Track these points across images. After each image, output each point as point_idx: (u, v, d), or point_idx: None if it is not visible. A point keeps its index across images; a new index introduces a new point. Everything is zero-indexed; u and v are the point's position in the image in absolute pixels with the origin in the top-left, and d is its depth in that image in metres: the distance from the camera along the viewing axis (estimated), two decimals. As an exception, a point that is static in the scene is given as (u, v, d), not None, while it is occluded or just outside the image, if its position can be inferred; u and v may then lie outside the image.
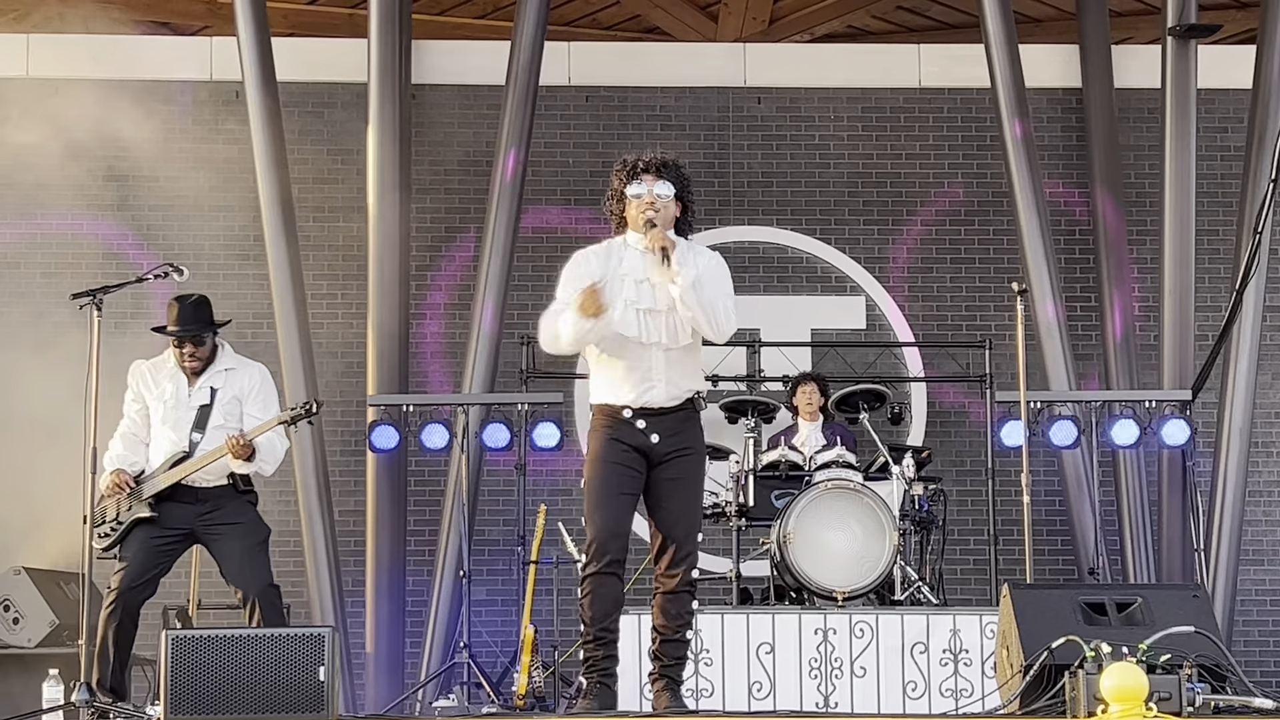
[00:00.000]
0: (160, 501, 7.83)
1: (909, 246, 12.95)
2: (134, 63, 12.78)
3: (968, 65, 12.67)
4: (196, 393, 7.95)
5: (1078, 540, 12.01)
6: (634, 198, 6.92)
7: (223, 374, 8.01)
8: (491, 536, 12.29)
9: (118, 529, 7.85)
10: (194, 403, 7.93)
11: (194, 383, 7.97)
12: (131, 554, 7.79)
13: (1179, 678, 6.09)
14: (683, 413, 6.95)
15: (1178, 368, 12.06)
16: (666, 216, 6.93)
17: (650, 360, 6.88)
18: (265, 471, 7.96)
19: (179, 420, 7.90)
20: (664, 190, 6.93)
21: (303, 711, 6.25)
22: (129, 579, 7.76)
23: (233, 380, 8.00)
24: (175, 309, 7.98)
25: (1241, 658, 10.88)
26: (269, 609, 7.74)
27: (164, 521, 7.83)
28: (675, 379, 6.91)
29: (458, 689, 10.59)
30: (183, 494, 7.85)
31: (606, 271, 6.87)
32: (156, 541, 7.82)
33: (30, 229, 12.60)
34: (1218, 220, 12.78)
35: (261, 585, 7.77)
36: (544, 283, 12.80)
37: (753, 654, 9.26)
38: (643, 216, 6.86)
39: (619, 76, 13.05)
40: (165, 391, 7.96)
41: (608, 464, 6.88)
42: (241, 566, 7.78)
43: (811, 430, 11.04)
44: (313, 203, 12.71)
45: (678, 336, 6.88)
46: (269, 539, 8.01)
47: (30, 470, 11.67)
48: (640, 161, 6.96)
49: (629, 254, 6.94)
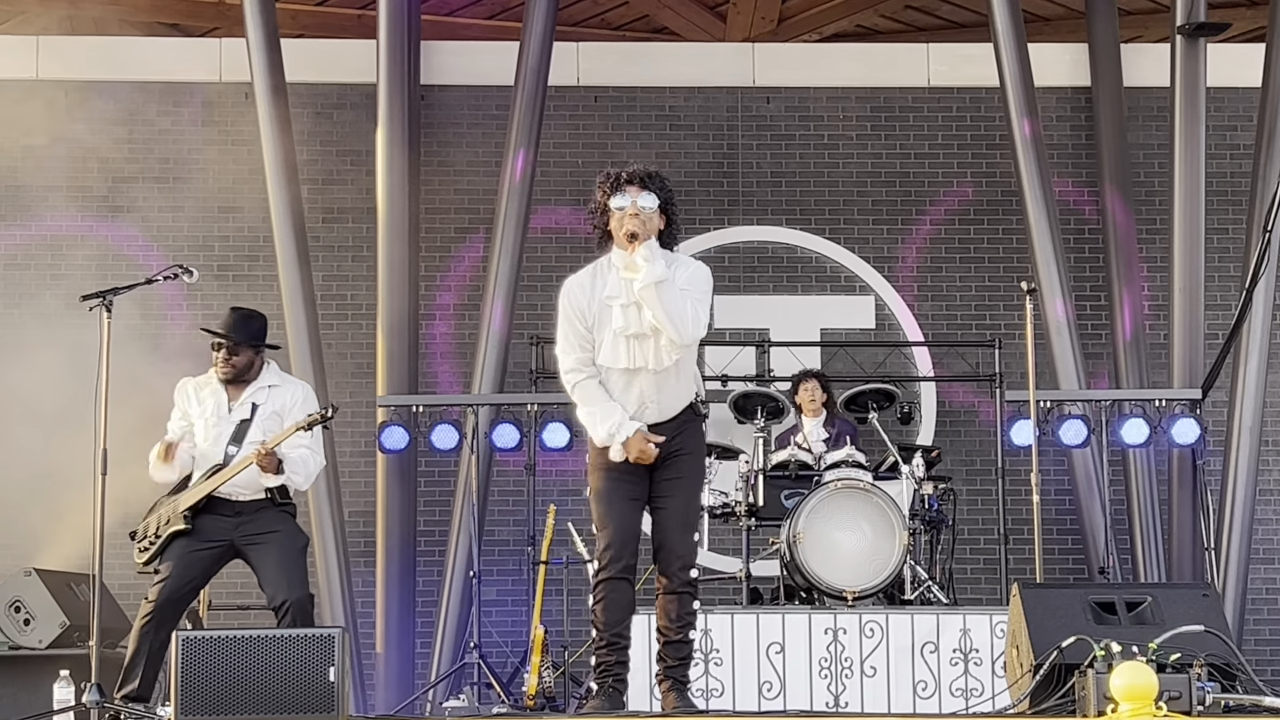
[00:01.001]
0: (197, 515, 7.82)
1: (918, 246, 12.94)
2: (143, 64, 12.81)
3: (977, 64, 12.66)
4: (238, 408, 7.97)
5: (1088, 539, 12.00)
6: (617, 210, 6.94)
7: (266, 390, 8.02)
8: (501, 537, 12.30)
9: (155, 543, 7.85)
10: (234, 417, 7.94)
11: (235, 398, 7.99)
12: (170, 566, 7.76)
13: (1189, 677, 6.09)
14: (680, 418, 7.02)
15: (1188, 366, 12.06)
16: (650, 228, 6.94)
17: (640, 384, 6.96)
18: (297, 485, 7.93)
19: (218, 435, 7.91)
20: (647, 202, 6.93)
21: (313, 712, 6.26)
22: (167, 591, 7.74)
23: (275, 397, 8.01)
24: (228, 316, 8.06)
25: (1252, 657, 10.89)
26: (302, 617, 7.65)
27: (202, 534, 7.82)
28: (666, 399, 6.99)
29: (468, 689, 10.59)
30: (221, 507, 7.85)
31: (595, 301, 6.93)
32: (195, 554, 7.80)
33: (40, 230, 12.62)
34: (1227, 219, 12.77)
35: (299, 594, 7.67)
36: (553, 283, 12.73)
37: (763, 654, 9.26)
38: (625, 229, 6.87)
39: (627, 77, 13.05)
40: (207, 408, 7.98)
41: (611, 472, 6.97)
42: (279, 574, 7.72)
43: (815, 426, 11.04)
44: (322, 203, 12.72)
45: (663, 359, 6.92)
46: (307, 548, 8.01)
47: (41, 471, 11.71)
48: (624, 173, 6.97)
49: (613, 277, 6.97)
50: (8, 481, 11.98)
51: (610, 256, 7.04)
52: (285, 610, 7.63)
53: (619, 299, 6.93)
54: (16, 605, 9.80)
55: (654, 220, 6.96)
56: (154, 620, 7.67)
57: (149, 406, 9.03)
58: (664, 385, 6.97)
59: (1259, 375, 11.98)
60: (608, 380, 6.99)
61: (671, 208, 7.03)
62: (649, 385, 6.96)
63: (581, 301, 6.98)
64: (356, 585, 12.03)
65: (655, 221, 6.96)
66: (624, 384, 6.97)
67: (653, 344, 6.91)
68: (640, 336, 6.91)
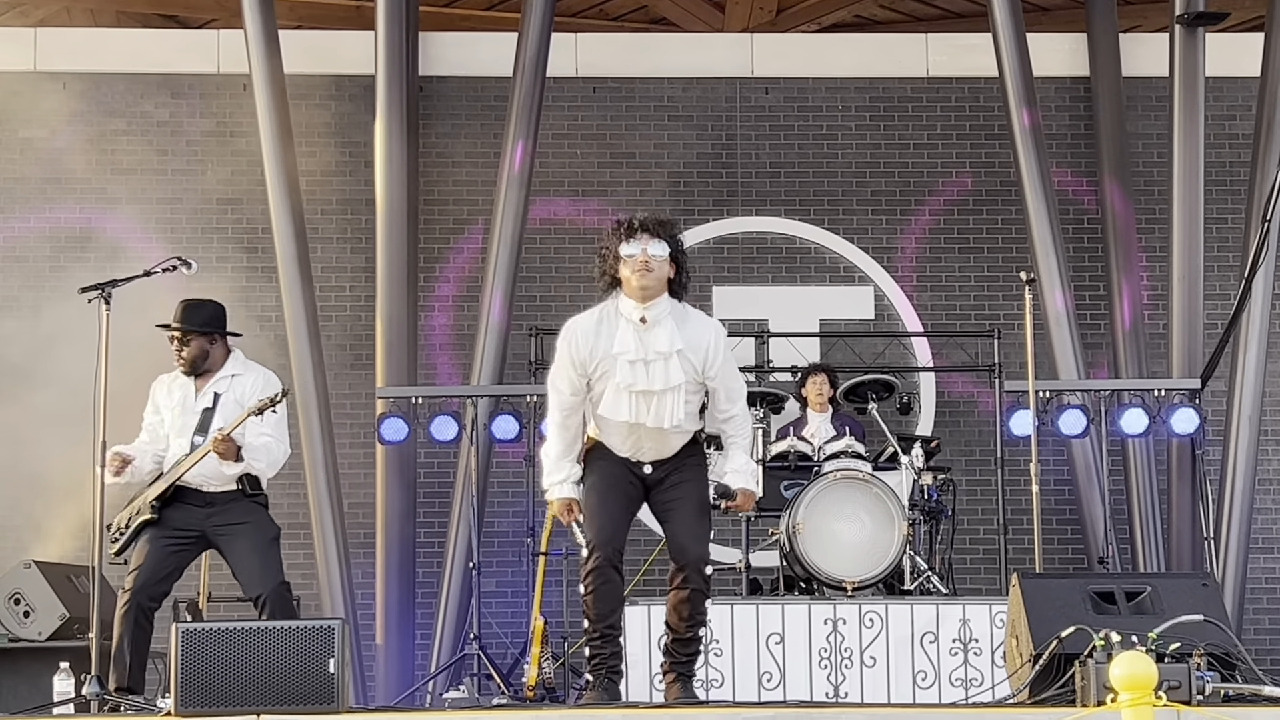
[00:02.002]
0: (166, 505, 7.84)
1: (917, 236, 12.94)
2: (141, 56, 12.80)
3: (976, 54, 12.65)
4: (201, 397, 7.98)
5: (1087, 529, 12.01)
6: (628, 257, 6.88)
7: (228, 379, 8.02)
8: (501, 528, 12.30)
9: (125, 533, 7.87)
10: (198, 407, 7.95)
11: (200, 388, 8.00)
12: (141, 555, 7.79)
13: (1188, 666, 6.09)
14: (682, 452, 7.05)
15: (1187, 356, 12.06)
16: (659, 277, 6.89)
17: (640, 435, 6.95)
18: (259, 471, 7.91)
19: (184, 426, 7.93)
20: (658, 250, 6.88)
21: (313, 703, 6.26)
22: (140, 580, 7.75)
23: (236, 385, 8.00)
24: (177, 307, 8.03)
25: (1251, 646, 10.89)
26: (280, 607, 7.71)
27: (171, 523, 7.83)
28: (666, 443, 6.99)
29: (468, 680, 10.59)
30: (191, 497, 7.86)
31: (598, 352, 6.88)
32: (166, 543, 7.82)
33: (39, 223, 12.62)
34: (1226, 208, 12.76)
35: (272, 584, 7.71)
36: (552, 274, 12.88)
37: (762, 644, 9.26)
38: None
39: (626, 67, 13.04)
40: (174, 399, 8.00)
41: (604, 476, 6.98)
42: (251, 565, 7.75)
43: (821, 421, 11.03)
44: (320, 195, 12.71)
45: (666, 417, 6.87)
46: (279, 537, 8.00)
47: (41, 463, 11.71)
48: (635, 221, 6.92)
49: (621, 328, 6.90)
50: (7, 473, 11.98)
51: (618, 304, 6.95)
52: (262, 603, 7.68)
53: (627, 354, 6.85)
54: (16, 597, 9.80)
55: (664, 269, 6.90)
56: (130, 610, 7.70)
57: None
58: (665, 439, 6.97)
59: (1258, 365, 11.99)
60: (608, 425, 6.95)
61: (682, 257, 6.98)
62: (649, 437, 6.95)
63: (584, 352, 6.90)
64: (356, 577, 12.03)
65: (665, 269, 6.91)
66: (623, 433, 6.95)
67: (657, 401, 6.86)
68: (646, 394, 6.86)
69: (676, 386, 6.85)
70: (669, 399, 6.85)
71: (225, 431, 7.70)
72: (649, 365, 6.85)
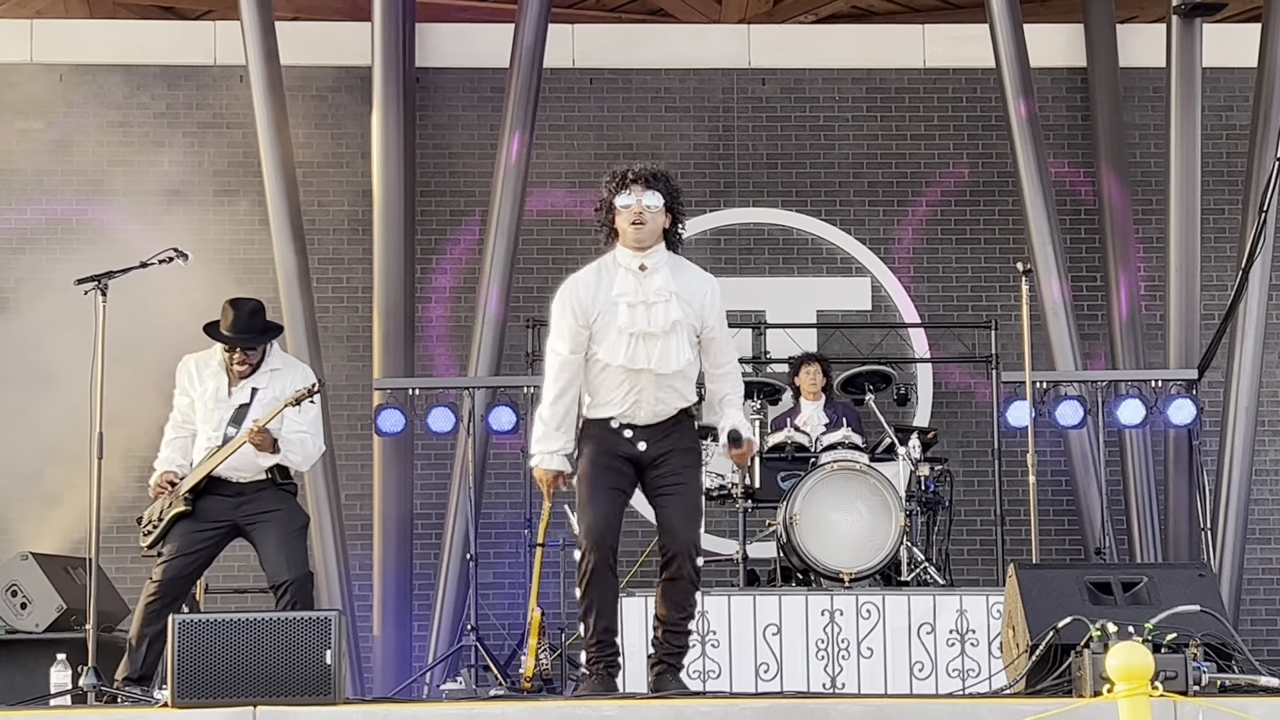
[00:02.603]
0: (198, 496, 7.82)
1: (914, 227, 12.94)
2: (137, 48, 12.79)
3: (973, 45, 12.65)
4: (237, 392, 7.92)
5: (1084, 520, 12.02)
6: (623, 208, 6.90)
7: (268, 375, 7.97)
8: (498, 519, 12.30)
9: (159, 526, 7.84)
10: (234, 401, 7.90)
11: (235, 381, 7.94)
12: (174, 547, 7.77)
13: (1185, 657, 6.09)
14: (671, 421, 6.98)
15: (1184, 347, 12.07)
16: (655, 228, 6.91)
17: (640, 383, 6.90)
18: (295, 464, 7.92)
19: (219, 419, 7.89)
20: (653, 201, 6.90)
21: (309, 695, 6.25)
22: (172, 570, 7.75)
23: (277, 381, 7.95)
24: (230, 314, 7.91)
25: (1248, 636, 10.91)
26: (302, 597, 7.69)
27: (204, 515, 7.82)
28: (665, 399, 6.93)
29: (465, 672, 10.61)
30: (222, 488, 7.84)
31: (600, 300, 6.87)
32: (198, 535, 7.80)
33: (35, 214, 12.61)
34: (1223, 199, 12.76)
35: (298, 573, 7.71)
36: (549, 265, 12.86)
37: (759, 635, 9.27)
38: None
39: (623, 58, 13.04)
40: (207, 389, 7.94)
41: (596, 464, 6.93)
42: (279, 552, 7.73)
43: (814, 410, 11.03)
44: (317, 186, 12.71)
45: (669, 362, 6.87)
46: (308, 526, 8.02)
47: (38, 455, 11.71)
48: (630, 172, 6.93)
49: (620, 275, 6.92)
50: (4, 465, 11.98)
51: (615, 254, 6.97)
52: (284, 590, 7.66)
53: (626, 297, 6.86)
54: (13, 589, 9.79)
55: (659, 219, 6.92)
56: (159, 600, 7.68)
57: (144, 388, 9.04)
58: (664, 387, 6.91)
59: (1255, 355, 11.99)
60: (605, 376, 6.92)
61: (677, 206, 7.00)
62: (649, 385, 6.90)
63: (586, 299, 6.89)
64: (353, 568, 12.03)
65: (660, 220, 6.93)
66: (621, 381, 6.89)
67: (659, 345, 6.85)
68: (647, 336, 6.85)
69: (676, 325, 6.83)
70: (671, 342, 6.86)
71: (261, 423, 7.67)
72: (649, 308, 6.86)
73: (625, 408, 6.92)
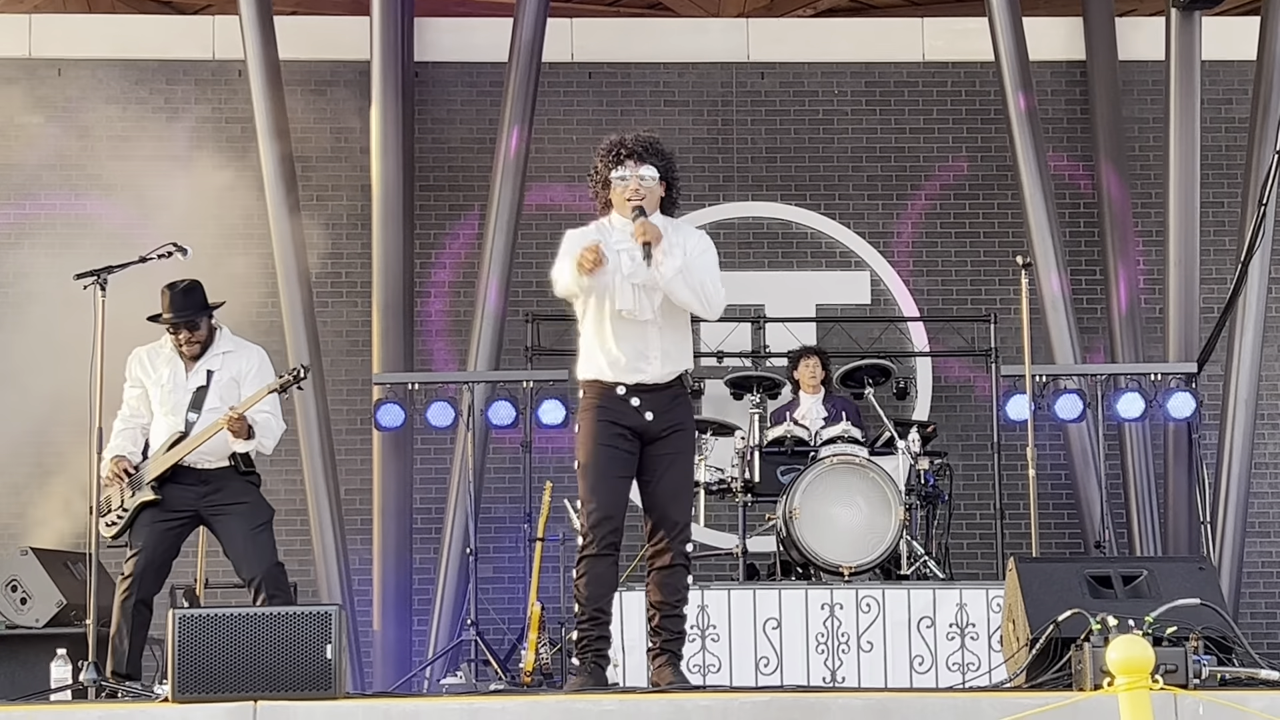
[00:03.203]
0: (163, 484, 7.83)
1: (913, 221, 12.93)
2: (136, 42, 12.78)
3: (972, 38, 12.65)
4: (193, 376, 7.96)
5: (1084, 513, 12.01)
6: (618, 181, 6.90)
7: (220, 357, 8.01)
8: (497, 514, 12.30)
9: (124, 516, 7.85)
10: (191, 385, 7.93)
11: (191, 366, 7.97)
12: (143, 540, 7.78)
13: (1185, 650, 6.10)
14: (673, 390, 6.95)
15: (1183, 340, 12.07)
16: (652, 199, 6.93)
17: (646, 336, 6.90)
18: (265, 449, 7.95)
19: (176, 403, 7.91)
20: (648, 172, 6.92)
21: (309, 689, 6.26)
22: (142, 563, 7.76)
23: (230, 363, 8.00)
24: (167, 296, 7.97)
25: (1248, 630, 10.90)
26: (275, 588, 7.75)
27: (169, 504, 7.83)
28: (670, 354, 6.92)
29: (465, 666, 10.60)
30: (185, 476, 7.85)
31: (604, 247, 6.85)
32: (164, 525, 7.82)
33: (34, 209, 12.60)
34: (1222, 192, 12.76)
35: (266, 566, 7.77)
36: (548, 260, 12.69)
37: (759, 629, 9.27)
38: (629, 205, 6.84)
39: (622, 52, 13.03)
40: (163, 376, 7.97)
41: (602, 446, 6.91)
42: (245, 548, 7.80)
43: (813, 403, 11.03)
44: (316, 181, 12.70)
45: (673, 310, 6.89)
46: (273, 520, 8.01)
47: (37, 450, 11.71)
48: (624, 144, 6.93)
49: (618, 231, 6.93)
50: (4, 461, 11.98)
51: (612, 217, 6.99)
52: (257, 585, 7.72)
53: (627, 249, 6.85)
54: (13, 584, 9.80)
55: (655, 190, 6.94)
56: (133, 594, 7.71)
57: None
58: (668, 338, 6.90)
59: (1254, 349, 11.98)
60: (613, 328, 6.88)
61: (672, 175, 7.01)
62: (655, 337, 6.89)
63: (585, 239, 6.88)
64: (353, 563, 12.03)
65: (657, 191, 6.95)
66: (631, 333, 6.88)
67: (661, 295, 6.85)
68: (650, 288, 6.85)
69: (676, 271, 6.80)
70: None
71: (239, 410, 7.68)
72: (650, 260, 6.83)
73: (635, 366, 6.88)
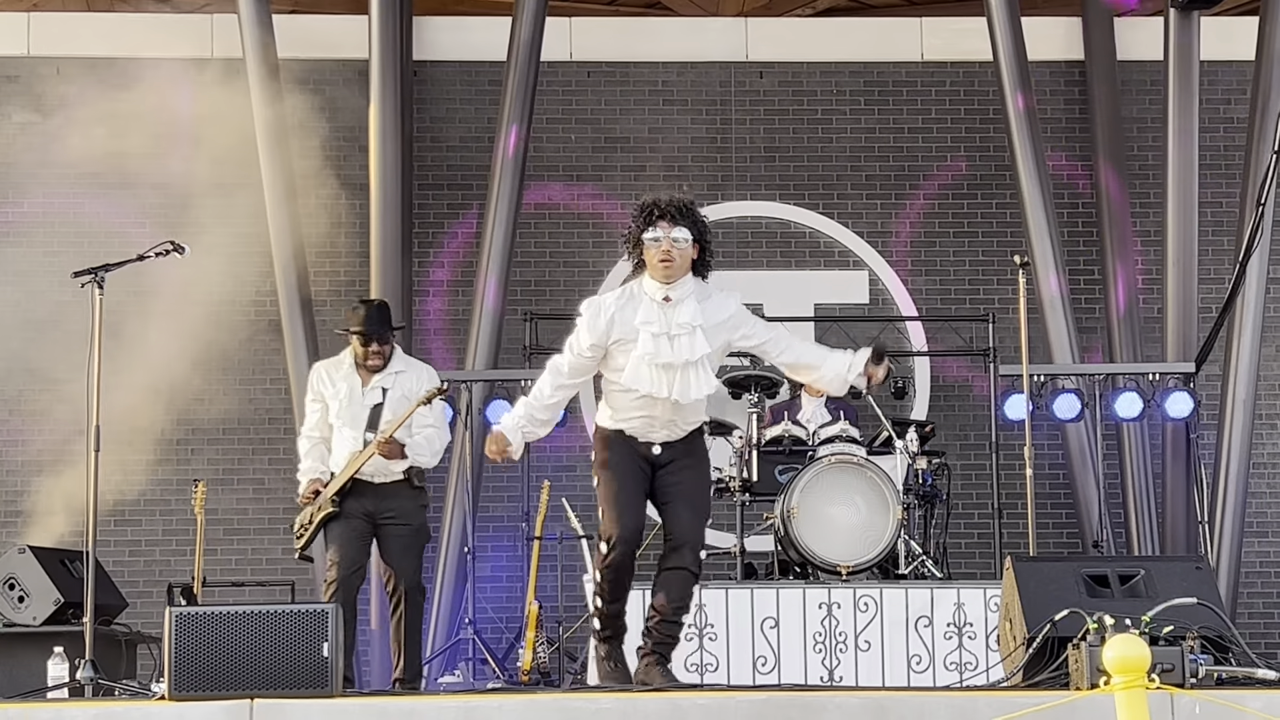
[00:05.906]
0: (345, 498, 8.35)
1: (912, 220, 12.94)
2: (135, 41, 12.77)
3: (970, 38, 12.65)
4: (370, 392, 8.45)
5: (1081, 513, 12.02)
6: (651, 242, 6.93)
7: (394, 375, 8.51)
8: (495, 513, 12.30)
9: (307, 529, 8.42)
10: (368, 402, 8.43)
11: (368, 382, 8.45)
12: (338, 546, 8.35)
13: (1182, 649, 6.10)
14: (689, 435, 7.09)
15: (1181, 340, 12.07)
16: (684, 262, 6.95)
17: (658, 410, 6.97)
18: (424, 464, 8.48)
19: (355, 418, 8.41)
20: (681, 235, 6.95)
21: (307, 687, 6.26)
22: (344, 568, 8.31)
23: (402, 381, 8.49)
24: (362, 311, 8.56)
25: (1245, 630, 10.88)
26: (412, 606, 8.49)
27: (350, 514, 8.38)
28: (680, 424, 7.03)
29: (463, 665, 10.61)
30: (363, 489, 8.40)
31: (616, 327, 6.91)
32: (354, 530, 8.37)
33: (32, 207, 12.60)
34: (1221, 192, 12.76)
35: (412, 582, 8.47)
36: (547, 259, 12.87)
37: (757, 628, 9.27)
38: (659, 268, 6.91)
39: (621, 51, 13.03)
40: (340, 391, 8.47)
41: (618, 467, 7.01)
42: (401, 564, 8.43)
43: (815, 406, 11.02)
44: (315, 180, 12.68)
45: (690, 392, 6.92)
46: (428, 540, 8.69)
47: (35, 448, 11.70)
48: (657, 205, 6.95)
49: (645, 304, 6.95)
50: (2, 458, 11.97)
51: (642, 282, 7.01)
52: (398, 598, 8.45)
53: (651, 326, 6.90)
54: (11, 582, 9.80)
55: (688, 253, 6.96)
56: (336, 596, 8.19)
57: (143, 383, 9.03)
58: (681, 413, 6.99)
59: (1252, 349, 11.99)
60: (627, 397, 6.96)
61: (705, 238, 7.04)
62: (665, 411, 6.97)
63: (603, 324, 6.94)
64: (351, 561, 12.01)
65: (689, 253, 6.97)
66: (641, 404, 6.96)
67: (679, 375, 6.89)
68: (668, 368, 6.89)
69: (699, 360, 6.90)
70: (691, 373, 6.91)
71: (387, 434, 8.21)
72: (673, 340, 6.90)
73: (642, 427, 7.00)
